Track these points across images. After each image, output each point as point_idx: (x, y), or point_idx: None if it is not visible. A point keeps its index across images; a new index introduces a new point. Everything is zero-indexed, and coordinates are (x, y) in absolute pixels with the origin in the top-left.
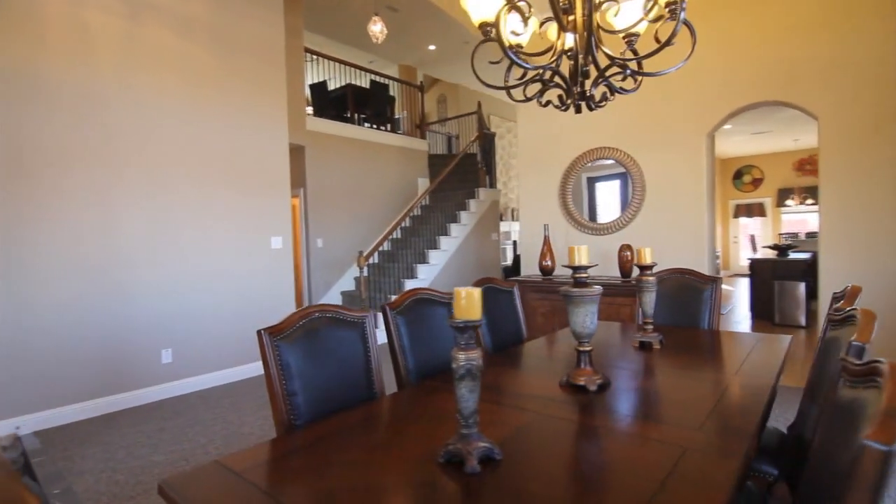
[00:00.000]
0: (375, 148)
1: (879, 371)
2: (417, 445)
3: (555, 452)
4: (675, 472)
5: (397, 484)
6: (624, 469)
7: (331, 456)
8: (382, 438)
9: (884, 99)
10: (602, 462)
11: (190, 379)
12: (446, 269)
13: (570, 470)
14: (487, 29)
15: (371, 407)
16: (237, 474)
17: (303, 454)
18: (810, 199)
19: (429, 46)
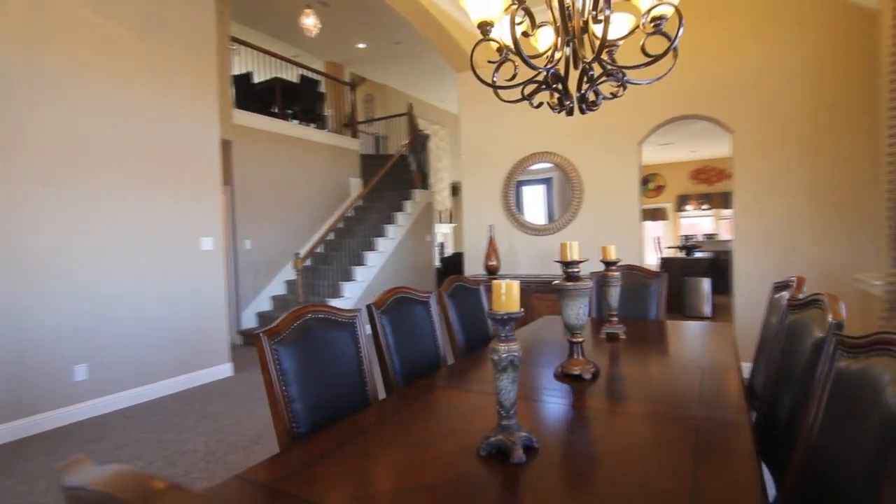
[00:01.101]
0: (306, 146)
1: (888, 340)
2: (449, 442)
3: (582, 437)
4: (699, 445)
5: (446, 481)
6: (654, 444)
7: (363, 460)
8: (410, 438)
9: (791, 115)
10: (631, 441)
11: (111, 397)
12: (383, 270)
13: (604, 450)
14: (487, 28)
15: (381, 408)
16: (268, 486)
17: (332, 459)
18: (706, 205)
19: (358, 44)
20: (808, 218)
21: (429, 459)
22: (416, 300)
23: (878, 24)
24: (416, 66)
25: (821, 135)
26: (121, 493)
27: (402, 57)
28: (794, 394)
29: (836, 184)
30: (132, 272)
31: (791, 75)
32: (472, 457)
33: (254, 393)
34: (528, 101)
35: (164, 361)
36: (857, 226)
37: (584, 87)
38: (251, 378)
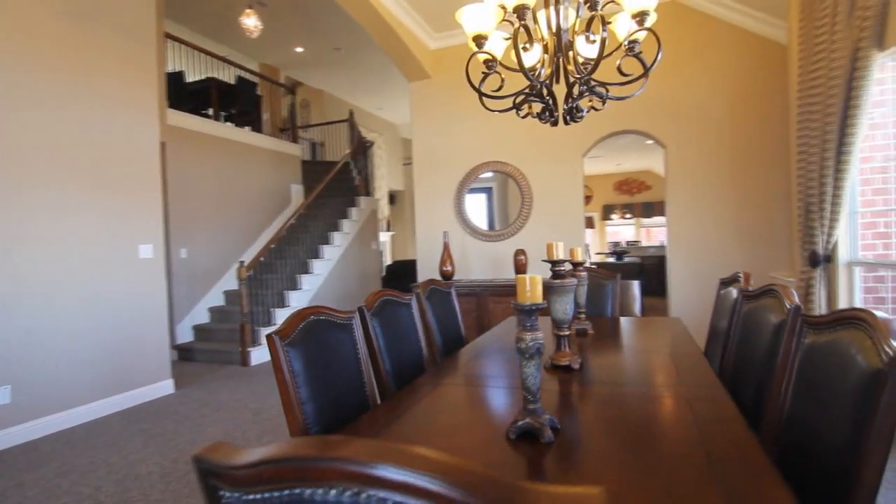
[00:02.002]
0: (244, 150)
1: (854, 316)
2: (476, 430)
3: (594, 417)
4: (698, 418)
5: (487, 463)
6: (658, 419)
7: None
8: (437, 428)
9: (715, 133)
10: (636, 417)
11: (39, 421)
12: (330, 279)
13: (619, 427)
14: (481, 41)
15: (395, 404)
16: None
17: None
18: (629, 214)
19: (296, 48)
20: (731, 224)
21: (462, 446)
22: (400, 302)
23: (787, 57)
24: (355, 74)
25: (740, 151)
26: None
27: (340, 63)
28: (757, 372)
29: (753, 194)
30: (61, 282)
31: (714, 99)
32: (502, 440)
33: (201, 410)
34: (516, 111)
35: (100, 379)
36: (771, 231)
37: (570, 101)
38: (194, 395)
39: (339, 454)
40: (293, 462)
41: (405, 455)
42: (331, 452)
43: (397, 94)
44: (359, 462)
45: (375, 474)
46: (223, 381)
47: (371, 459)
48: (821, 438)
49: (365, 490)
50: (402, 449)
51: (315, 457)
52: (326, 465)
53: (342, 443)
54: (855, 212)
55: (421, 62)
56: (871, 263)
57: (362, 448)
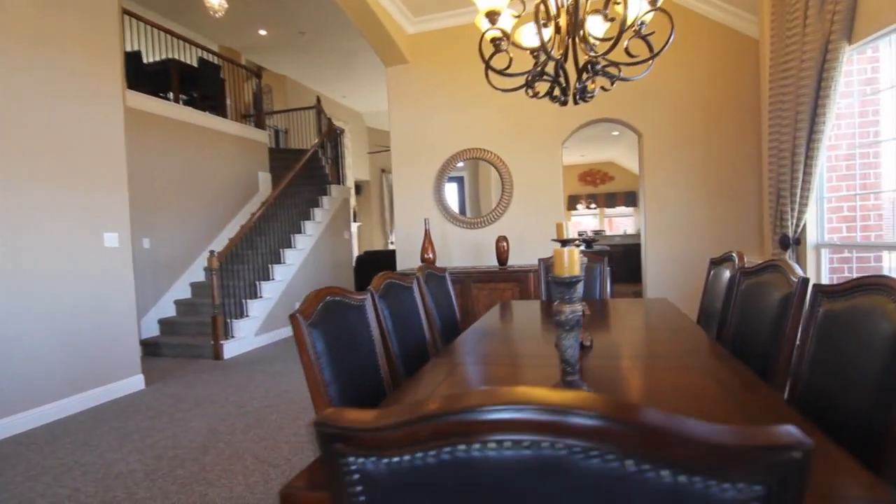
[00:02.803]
0: (209, 135)
1: (874, 282)
2: None
3: (621, 386)
4: (719, 379)
5: None
6: (683, 385)
7: None
8: None
9: (690, 122)
10: (663, 384)
11: None
12: (303, 269)
13: (653, 397)
14: (495, 17)
15: (414, 383)
16: None
17: None
18: (593, 204)
19: (259, 31)
20: (704, 209)
21: None
22: (403, 285)
23: (759, 50)
24: (320, 59)
25: (713, 140)
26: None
27: (305, 48)
28: (764, 343)
29: (725, 181)
30: (19, 272)
31: (689, 89)
32: None
33: (178, 405)
34: (528, 90)
35: (65, 376)
36: (741, 215)
37: (580, 81)
38: (167, 390)
39: (528, 398)
40: (462, 415)
41: (590, 398)
42: (515, 398)
43: (363, 82)
44: (550, 408)
45: (568, 422)
46: (197, 375)
47: (565, 403)
48: (846, 399)
49: (548, 439)
50: (578, 392)
51: (493, 405)
52: (507, 415)
53: (516, 391)
54: (822, 197)
55: (399, 46)
56: (837, 245)
57: (547, 394)
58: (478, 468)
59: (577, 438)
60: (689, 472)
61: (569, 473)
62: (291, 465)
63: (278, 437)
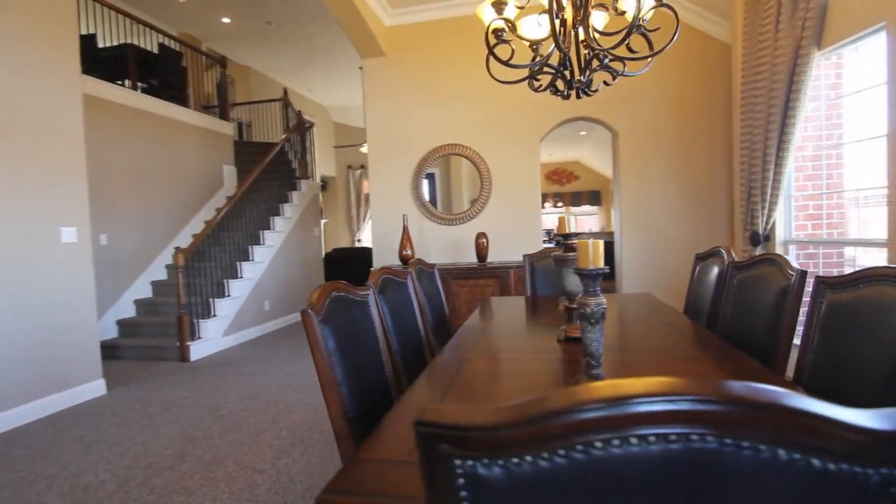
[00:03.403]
0: (171, 126)
1: (872, 273)
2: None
3: None
4: (724, 366)
5: None
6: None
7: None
8: (491, 397)
9: (662, 122)
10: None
11: None
12: (273, 266)
13: None
14: (502, 7)
15: (428, 380)
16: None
17: None
18: (560, 203)
19: (223, 19)
20: (676, 208)
21: None
22: (399, 281)
23: (731, 54)
24: (287, 51)
25: (686, 139)
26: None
27: (271, 38)
28: (760, 333)
29: (697, 180)
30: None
31: (664, 90)
32: None
33: (146, 410)
34: (532, 81)
35: (19, 383)
36: (712, 213)
37: (585, 75)
38: (132, 394)
39: (681, 389)
40: (604, 409)
41: (749, 388)
42: (666, 389)
43: (330, 76)
44: (706, 398)
45: (723, 413)
46: (162, 378)
47: (723, 394)
48: (853, 388)
49: (699, 431)
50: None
51: (642, 396)
52: (658, 407)
53: (665, 381)
54: (790, 195)
55: (376, 38)
56: (803, 242)
57: (700, 384)
58: (616, 467)
59: (730, 430)
60: (838, 459)
61: (719, 467)
62: (277, 470)
63: (259, 441)
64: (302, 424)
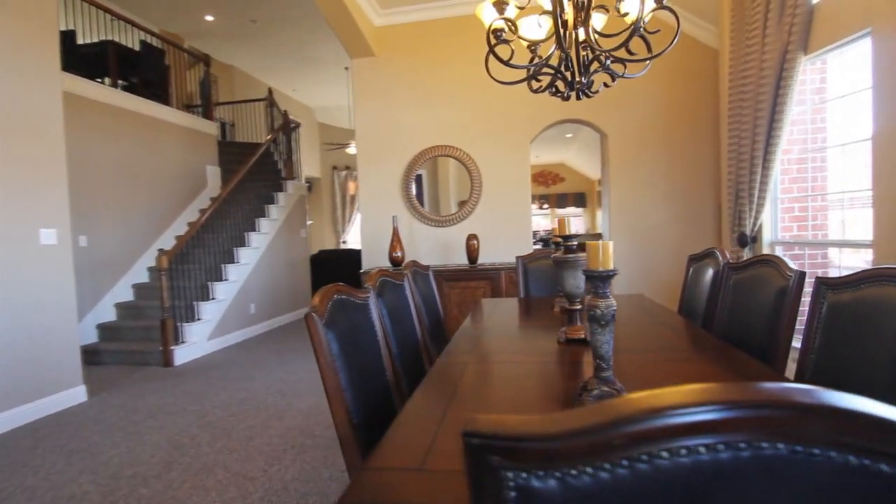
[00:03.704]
0: (153, 125)
1: (876, 273)
2: (541, 401)
3: (645, 382)
4: (741, 374)
5: None
6: (697, 374)
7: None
8: (499, 402)
9: (651, 124)
10: (685, 378)
11: None
12: (258, 268)
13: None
14: (503, 6)
15: (432, 385)
16: (419, 469)
17: (450, 429)
18: (546, 205)
19: (206, 16)
20: (665, 209)
21: None
22: (396, 283)
23: (718, 59)
24: (271, 50)
25: (674, 142)
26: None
27: (254, 37)
28: (758, 333)
29: (685, 182)
30: None
31: (652, 94)
32: None
33: (130, 417)
34: (532, 81)
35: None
36: (700, 214)
37: (587, 75)
38: (115, 401)
39: (760, 397)
40: (676, 416)
41: (827, 395)
42: (742, 396)
43: (315, 75)
44: (785, 406)
45: (802, 419)
46: (146, 384)
47: (803, 402)
48: (857, 387)
49: (772, 440)
50: None
51: (716, 403)
52: (730, 414)
53: (741, 387)
54: (776, 198)
55: (366, 38)
56: (789, 242)
57: (777, 392)
58: (684, 477)
59: (807, 437)
60: None
61: (792, 476)
62: (269, 478)
63: (250, 448)
64: (293, 430)
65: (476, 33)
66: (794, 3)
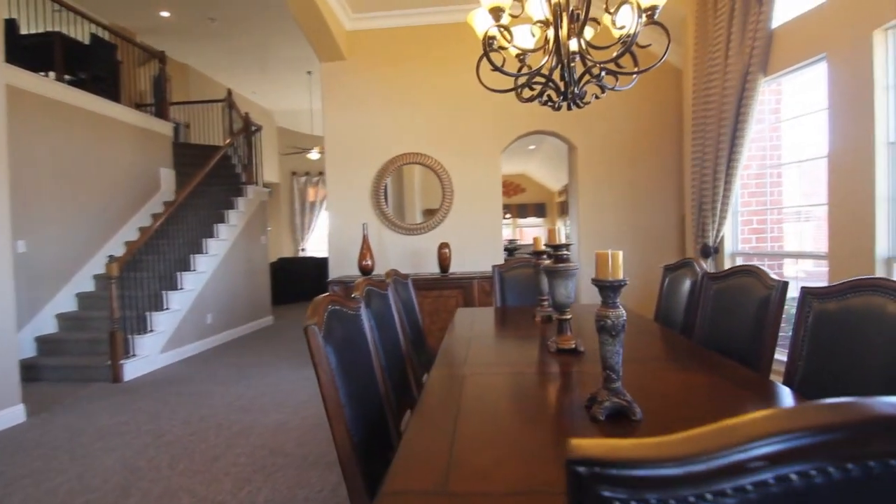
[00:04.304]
0: (103, 123)
1: (861, 283)
2: (552, 416)
3: (657, 391)
4: (740, 382)
5: None
6: (696, 384)
7: (495, 438)
8: (510, 420)
9: (617, 138)
10: (679, 382)
11: None
12: (216, 277)
13: (684, 396)
14: (499, 14)
15: (435, 400)
16: (443, 491)
17: (470, 447)
18: (508, 215)
19: (161, 12)
20: (630, 220)
21: (556, 433)
22: (381, 293)
23: (682, 78)
24: (230, 50)
25: (640, 156)
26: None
27: (213, 36)
28: (742, 341)
29: (649, 194)
30: None
31: (620, 109)
32: (588, 423)
33: (78, 439)
34: (526, 89)
35: None
36: (663, 227)
37: (579, 85)
38: (59, 421)
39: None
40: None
41: None
42: None
43: (276, 79)
44: None
45: None
46: (93, 402)
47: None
48: (851, 386)
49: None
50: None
51: None
52: None
53: None
54: (737, 211)
55: (337, 41)
56: (748, 254)
57: None
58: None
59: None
60: None
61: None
62: (240, 501)
63: (215, 470)
64: (260, 449)
65: (450, 43)
66: (754, 28)
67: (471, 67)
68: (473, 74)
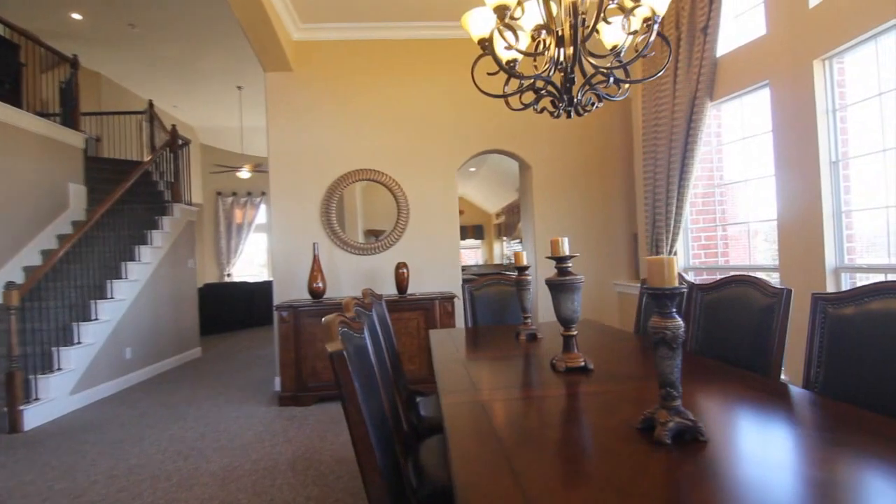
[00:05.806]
0: (1, 130)
1: (876, 288)
2: (603, 439)
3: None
4: (769, 389)
5: (676, 477)
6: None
7: (562, 473)
8: (561, 447)
9: (570, 157)
10: (725, 400)
11: None
12: (138, 304)
13: (728, 412)
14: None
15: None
16: None
17: (545, 490)
18: None
19: (72, 14)
20: (583, 239)
21: (632, 462)
22: (367, 313)
23: (631, 103)
24: (150, 60)
25: (592, 177)
26: None
27: (132, 44)
28: (742, 350)
29: (601, 214)
30: None
31: (571, 129)
32: (652, 448)
33: (14, 492)
34: (507, 101)
35: None
36: (615, 246)
37: (582, 93)
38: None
39: None
40: None
41: None
42: None
43: (201, 93)
44: None
45: None
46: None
47: None
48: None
49: None
50: None
51: None
52: None
53: None
54: (687, 227)
55: (284, 50)
56: (699, 268)
57: None
58: None
59: None
60: None
61: None
62: None
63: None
64: (210, 501)
65: (404, 58)
66: (700, 56)
67: (427, 83)
68: (430, 90)
